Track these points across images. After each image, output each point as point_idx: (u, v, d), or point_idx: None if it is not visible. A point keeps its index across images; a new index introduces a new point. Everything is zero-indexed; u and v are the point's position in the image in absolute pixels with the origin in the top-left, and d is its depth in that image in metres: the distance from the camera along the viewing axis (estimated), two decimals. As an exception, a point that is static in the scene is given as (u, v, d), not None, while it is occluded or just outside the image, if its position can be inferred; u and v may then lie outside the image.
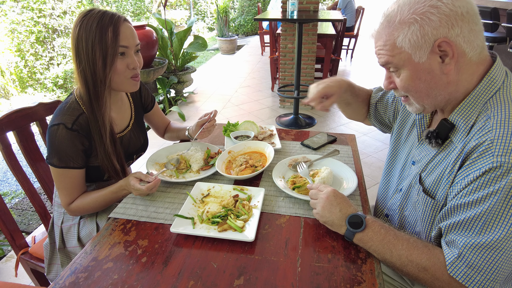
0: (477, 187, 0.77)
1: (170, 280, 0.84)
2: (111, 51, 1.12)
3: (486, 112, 0.82)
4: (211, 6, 10.77)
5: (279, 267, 0.87)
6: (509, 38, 4.52)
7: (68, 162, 1.16)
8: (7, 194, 2.96)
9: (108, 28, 1.11)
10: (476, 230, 0.78)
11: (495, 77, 0.84)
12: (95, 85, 1.15)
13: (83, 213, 1.27)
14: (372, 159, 3.22)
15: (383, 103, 1.28)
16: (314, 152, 1.46)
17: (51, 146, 1.15)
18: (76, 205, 1.22)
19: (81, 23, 1.12)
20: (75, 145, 1.16)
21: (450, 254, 0.81)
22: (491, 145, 0.76)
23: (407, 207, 1.06)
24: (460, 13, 0.77)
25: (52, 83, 5.40)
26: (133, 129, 1.39)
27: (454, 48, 0.79)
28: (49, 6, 5.49)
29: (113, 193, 1.21)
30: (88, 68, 1.13)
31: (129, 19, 1.20)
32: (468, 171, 0.80)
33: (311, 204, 1.03)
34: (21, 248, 1.40)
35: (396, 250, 0.86)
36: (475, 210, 0.78)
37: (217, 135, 1.65)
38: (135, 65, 1.19)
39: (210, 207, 1.09)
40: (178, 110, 4.02)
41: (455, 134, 0.89)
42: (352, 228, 0.92)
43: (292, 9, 3.57)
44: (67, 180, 1.20)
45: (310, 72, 4.26)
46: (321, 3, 10.30)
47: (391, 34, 0.84)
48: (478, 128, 0.82)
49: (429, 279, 0.83)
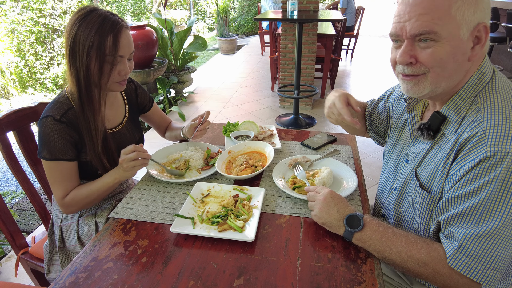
0: (472, 177, 0.78)
1: (170, 280, 0.84)
2: (109, 59, 1.12)
3: (476, 104, 0.84)
4: (211, 6, 10.77)
5: (279, 267, 0.87)
6: (509, 38, 4.52)
7: (58, 155, 1.15)
8: (7, 194, 2.96)
9: (108, 36, 1.09)
10: (474, 220, 0.78)
11: (485, 71, 0.85)
12: (87, 87, 1.14)
13: (78, 207, 1.22)
14: (372, 159, 3.22)
15: (376, 113, 1.28)
16: (314, 152, 1.46)
17: (41, 139, 1.15)
18: (70, 197, 1.19)
19: (80, 24, 1.09)
20: (63, 137, 1.15)
21: (450, 246, 0.82)
22: (484, 136, 0.77)
23: (403, 204, 1.06)
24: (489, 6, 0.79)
25: (52, 83, 5.40)
26: (127, 126, 1.39)
27: (488, 36, 0.78)
28: (49, 6, 5.49)
29: (106, 183, 1.19)
30: (82, 70, 1.12)
31: (128, 25, 1.18)
32: (463, 162, 0.81)
33: (309, 206, 1.03)
34: (21, 248, 1.40)
35: (395, 247, 0.87)
36: (472, 200, 0.78)
37: (217, 135, 1.65)
38: (126, 73, 1.19)
39: (210, 207, 1.09)
40: (178, 110, 4.02)
41: (446, 126, 0.89)
42: (350, 228, 0.92)
43: (292, 9, 3.57)
44: (59, 173, 1.18)
45: (310, 72, 4.26)
46: (321, 3, 10.30)
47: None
48: (470, 120, 0.83)
49: (430, 274, 0.83)
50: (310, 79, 4.31)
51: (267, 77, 5.77)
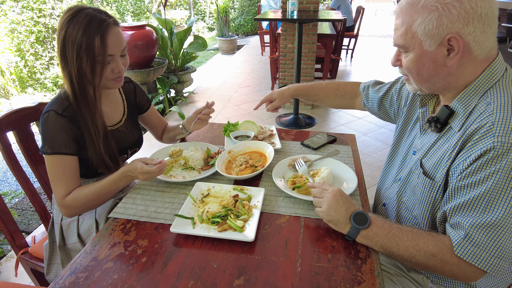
0: (479, 167, 0.80)
1: (170, 280, 0.84)
2: (99, 59, 1.11)
3: (486, 99, 0.86)
4: (211, 6, 10.77)
5: (279, 267, 0.87)
6: (509, 38, 4.52)
7: (60, 148, 1.14)
8: (7, 194, 2.96)
9: (95, 38, 1.08)
10: (480, 210, 0.80)
11: (496, 69, 0.87)
12: (81, 87, 1.15)
13: (79, 209, 1.17)
14: (372, 159, 3.22)
15: (388, 97, 1.33)
16: (314, 152, 1.46)
17: (43, 134, 1.14)
18: (72, 197, 1.15)
19: (68, 25, 1.08)
20: (65, 131, 1.15)
21: (456, 235, 0.83)
22: (492, 127, 0.79)
23: (405, 193, 1.09)
24: (479, 14, 0.80)
25: (52, 83, 5.40)
26: (126, 124, 1.39)
27: (462, 46, 0.82)
28: (49, 6, 5.49)
29: (114, 182, 1.15)
30: (74, 72, 1.12)
31: (117, 21, 1.17)
32: (470, 152, 0.83)
33: (315, 202, 1.02)
34: (21, 248, 1.40)
35: (402, 242, 0.88)
36: (478, 190, 0.80)
37: (217, 135, 1.65)
38: (120, 70, 1.19)
39: (210, 207, 1.09)
40: (178, 110, 4.02)
41: (454, 120, 0.92)
42: (357, 225, 0.93)
43: (292, 9, 3.57)
44: (61, 169, 1.15)
45: (310, 72, 4.26)
46: (321, 3, 10.30)
47: (411, 16, 0.86)
48: (478, 113, 0.85)
49: (438, 265, 0.85)
50: (310, 79, 4.31)
51: (267, 77, 5.77)
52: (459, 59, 0.85)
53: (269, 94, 1.53)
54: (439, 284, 1.04)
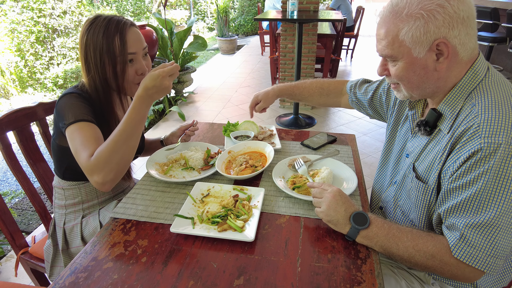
0: (468, 168, 0.81)
1: (170, 280, 0.84)
2: (120, 59, 1.13)
3: (471, 101, 0.88)
4: (211, 6, 10.77)
5: (279, 267, 0.87)
6: (509, 38, 4.52)
7: (84, 116, 1.11)
8: (7, 194, 2.96)
9: (114, 37, 1.11)
10: (472, 210, 0.81)
11: (478, 70, 0.89)
12: (105, 92, 1.17)
13: (108, 164, 1.02)
14: (372, 159, 3.22)
15: (377, 97, 1.35)
16: (314, 152, 1.46)
17: (64, 109, 1.12)
18: (96, 153, 1.02)
19: (88, 32, 1.12)
20: (86, 106, 1.15)
21: (452, 237, 0.84)
22: (478, 129, 0.81)
23: (401, 197, 1.10)
24: (462, 17, 0.81)
25: (52, 83, 5.39)
26: None
27: (450, 49, 0.84)
28: (49, 6, 5.48)
29: (134, 110, 1.03)
30: (97, 77, 1.14)
31: (135, 23, 1.20)
32: (458, 154, 0.84)
33: (315, 202, 1.02)
34: (21, 248, 1.40)
35: (401, 242, 0.88)
36: (469, 191, 0.82)
37: (217, 135, 1.65)
38: (144, 70, 1.19)
39: (210, 207, 1.09)
40: (178, 110, 4.02)
41: (442, 122, 0.94)
42: (357, 226, 0.93)
43: (292, 9, 3.57)
44: (83, 135, 1.07)
45: (310, 72, 4.26)
46: (321, 3, 10.30)
47: (396, 25, 0.86)
48: (465, 115, 0.87)
49: (438, 265, 0.86)
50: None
51: (267, 77, 5.77)
52: (448, 62, 0.86)
53: (255, 97, 1.57)
54: (440, 281, 1.05)
